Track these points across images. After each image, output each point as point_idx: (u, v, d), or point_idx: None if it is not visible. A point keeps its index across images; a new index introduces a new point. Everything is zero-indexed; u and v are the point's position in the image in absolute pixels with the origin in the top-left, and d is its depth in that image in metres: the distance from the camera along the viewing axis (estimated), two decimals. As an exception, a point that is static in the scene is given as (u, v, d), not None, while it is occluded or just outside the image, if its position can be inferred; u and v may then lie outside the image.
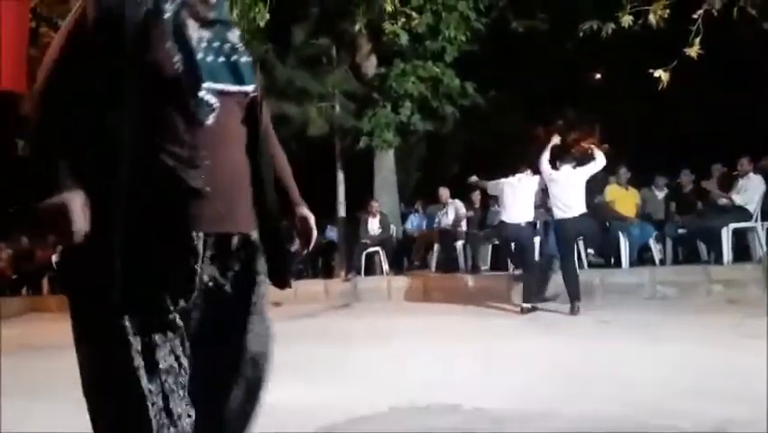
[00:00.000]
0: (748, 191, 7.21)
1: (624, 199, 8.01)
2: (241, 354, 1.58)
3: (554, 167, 6.67)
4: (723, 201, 7.38)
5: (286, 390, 3.57)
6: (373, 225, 9.43)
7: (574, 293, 6.31)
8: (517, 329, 5.80)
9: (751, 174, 7.30)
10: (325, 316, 7.94)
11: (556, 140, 6.83)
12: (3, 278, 13.54)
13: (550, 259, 7.42)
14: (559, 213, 6.49)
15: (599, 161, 6.62)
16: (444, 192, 9.38)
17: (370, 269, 9.51)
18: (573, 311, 6.23)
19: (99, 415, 1.46)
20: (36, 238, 12.98)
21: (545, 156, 6.63)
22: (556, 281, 7.08)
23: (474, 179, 8.09)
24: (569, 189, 6.44)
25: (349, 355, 4.87)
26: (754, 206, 7.20)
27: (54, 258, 9.36)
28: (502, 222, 6.97)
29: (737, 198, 7.25)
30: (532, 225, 7.06)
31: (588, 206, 6.69)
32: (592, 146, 6.66)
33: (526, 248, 6.92)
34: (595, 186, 7.47)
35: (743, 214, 7.26)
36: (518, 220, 6.74)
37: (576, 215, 6.40)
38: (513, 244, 7.05)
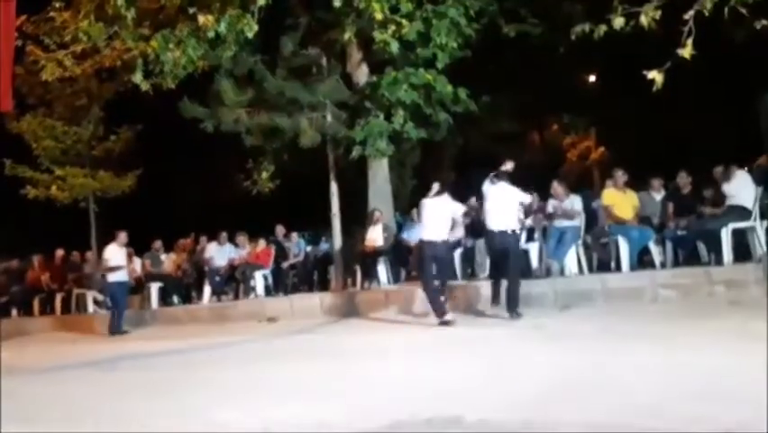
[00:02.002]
0: (737, 182, 7.21)
1: (622, 203, 7.95)
2: None
3: (492, 183, 7.16)
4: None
5: (285, 406, 3.51)
6: (375, 234, 9.35)
7: (511, 300, 6.76)
8: (520, 338, 5.72)
9: (738, 171, 7.34)
10: (322, 330, 7.83)
11: (509, 165, 7.19)
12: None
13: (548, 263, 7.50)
14: (491, 224, 7.01)
15: (527, 198, 7.30)
16: None
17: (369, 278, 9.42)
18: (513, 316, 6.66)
19: None
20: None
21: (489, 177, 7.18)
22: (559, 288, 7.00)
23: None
24: (501, 205, 6.99)
25: (349, 369, 4.80)
26: (747, 198, 7.17)
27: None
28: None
29: (726, 189, 7.24)
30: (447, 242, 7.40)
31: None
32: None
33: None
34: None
35: (742, 213, 7.22)
36: (436, 237, 7.08)
37: (504, 229, 6.90)
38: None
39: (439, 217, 7.24)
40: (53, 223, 15.69)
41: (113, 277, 9.91)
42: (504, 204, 7.00)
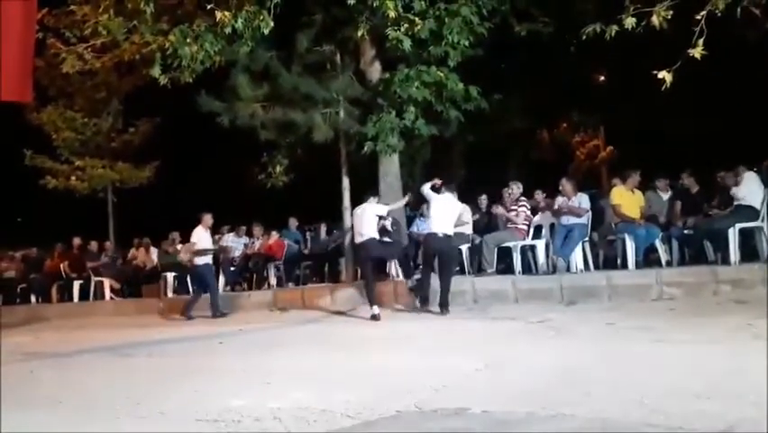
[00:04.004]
0: (747, 185, 7.24)
1: (630, 202, 8.01)
2: None
3: (437, 192, 7.99)
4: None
5: (293, 395, 3.63)
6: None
7: (443, 298, 7.42)
8: (525, 332, 5.80)
9: (746, 173, 7.34)
10: (331, 321, 7.97)
11: (437, 181, 8.14)
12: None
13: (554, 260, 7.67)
14: (430, 227, 7.73)
15: (466, 215, 8.46)
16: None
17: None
18: (443, 312, 7.32)
19: None
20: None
21: (427, 184, 8.12)
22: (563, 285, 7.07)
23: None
24: (443, 212, 7.71)
25: (357, 360, 4.89)
26: (755, 199, 7.20)
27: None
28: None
29: (738, 192, 7.26)
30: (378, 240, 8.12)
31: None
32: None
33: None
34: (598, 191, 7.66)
35: (749, 213, 7.25)
36: (366, 238, 7.84)
37: (441, 232, 7.58)
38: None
39: (448, 213, 7.73)
40: (72, 213, 15.96)
41: (201, 260, 9.76)
42: (445, 211, 7.73)
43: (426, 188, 8.11)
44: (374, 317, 7.40)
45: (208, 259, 9.89)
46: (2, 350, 6.58)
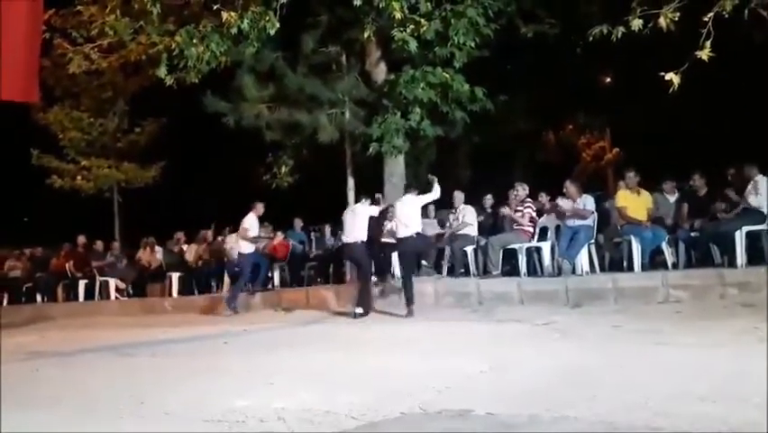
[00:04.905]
0: (761, 194, 7.19)
1: (635, 204, 7.96)
2: None
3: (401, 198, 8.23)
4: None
5: (297, 396, 3.63)
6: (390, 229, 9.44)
7: (410, 298, 7.63)
8: (529, 334, 5.79)
9: (759, 177, 7.29)
10: (336, 322, 7.97)
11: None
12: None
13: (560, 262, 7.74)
14: (401, 231, 7.91)
15: (435, 192, 8.23)
16: (459, 196, 9.40)
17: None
18: (409, 314, 7.52)
19: None
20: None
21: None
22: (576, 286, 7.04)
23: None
24: (409, 212, 7.92)
25: (360, 361, 4.89)
26: (762, 201, 7.17)
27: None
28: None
29: (753, 201, 7.22)
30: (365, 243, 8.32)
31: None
32: (435, 178, 8.38)
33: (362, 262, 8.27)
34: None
35: (756, 216, 7.21)
36: (354, 239, 8.13)
37: (413, 234, 7.83)
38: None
39: (410, 214, 7.97)
40: (78, 212, 16.02)
41: (248, 248, 9.76)
42: (410, 213, 7.95)
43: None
44: (359, 315, 7.64)
45: (253, 248, 9.88)
46: (7, 349, 6.61)
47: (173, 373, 4.96)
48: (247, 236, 9.73)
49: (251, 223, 9.70)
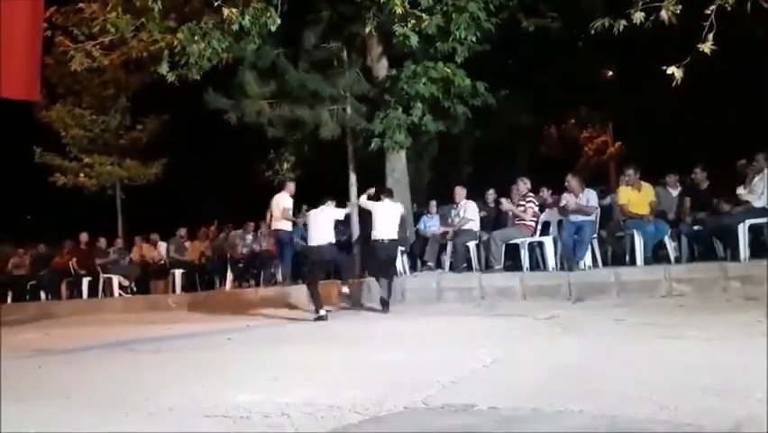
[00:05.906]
0: (760, 190, 7.17)
1: (637, 200, 7.95)
2: None
3: (378, 200, 8.29)
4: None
5: (300, 391, 3.64)
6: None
7: (386, 297, 7.81)
8: (532, 328, 5.79)
9: (766, 170, 7.26)
10: (338, 317, 7.98)
11: (371, 190, 8.54)
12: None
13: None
14: (376, 234, 7.99)
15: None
16: (461, 191, 9.40)
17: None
18: (385, 310, 7.70)
19: None
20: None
21: (363, 196, 8.50)
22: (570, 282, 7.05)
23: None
24: (384, 218, 8.01)
25: (363, 357, 4.89)
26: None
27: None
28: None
29: (746, 196, 7.20)
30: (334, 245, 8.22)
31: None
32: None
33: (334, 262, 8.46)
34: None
35: (759, 210, 7.20)
36: (322, 242, 7.96)
37: (387, 238, 7.93)
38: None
39: (387, 219, 8.04)
40: (80, 210, 16.06)
41: (287, 226, 9.88)
42: (388, 218, 8.03)
43: (363, 199, 8.42)
44: (321, 318, 7.44)
45: (290, 226, 9.97)
46: (12, 346, 6.63)
47: (177, 368, 4.98)
48: (290, 217, 9.86)
49: (287, 201, 9.82)
